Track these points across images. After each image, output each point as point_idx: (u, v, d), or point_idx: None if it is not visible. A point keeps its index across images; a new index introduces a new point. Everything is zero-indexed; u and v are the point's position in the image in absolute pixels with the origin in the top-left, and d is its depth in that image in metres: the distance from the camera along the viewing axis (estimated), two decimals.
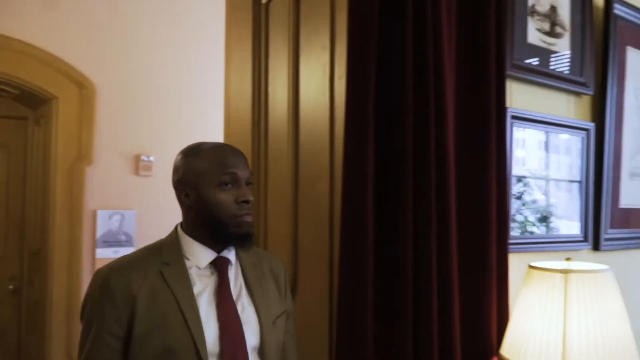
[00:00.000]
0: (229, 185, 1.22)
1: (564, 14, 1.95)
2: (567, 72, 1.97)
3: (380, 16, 1.34)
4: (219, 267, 1.25)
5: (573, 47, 1.99)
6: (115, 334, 1.16)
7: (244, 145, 1.71)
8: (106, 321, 1.15)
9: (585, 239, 2.03)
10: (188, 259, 1.24)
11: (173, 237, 1.27)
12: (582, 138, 2.04)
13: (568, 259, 1.48)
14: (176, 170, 1.26)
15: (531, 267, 1.45)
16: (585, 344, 1.29)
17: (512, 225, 1.79)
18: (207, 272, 1.24)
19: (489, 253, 1.53)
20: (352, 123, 1.32)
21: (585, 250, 2.06)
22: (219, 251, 1.25)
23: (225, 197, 1.21)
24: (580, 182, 2.04)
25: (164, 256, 1.22)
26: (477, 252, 1.52)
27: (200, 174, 1.22)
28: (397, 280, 1.34)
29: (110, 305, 1.15)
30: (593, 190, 2.07)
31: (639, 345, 1.39)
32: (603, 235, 2.07)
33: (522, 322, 1.40)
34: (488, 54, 1.56)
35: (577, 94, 2.06)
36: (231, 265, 1.27)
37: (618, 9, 2.11)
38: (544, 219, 1.91)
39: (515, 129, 1.82)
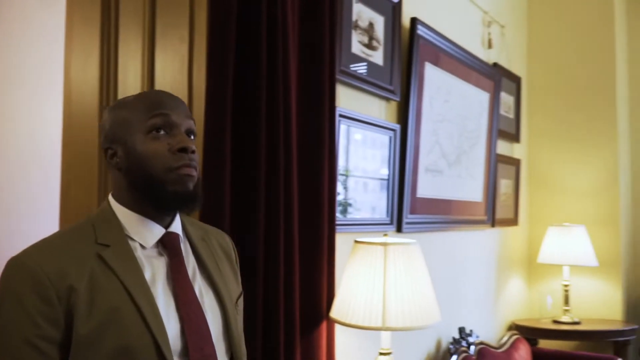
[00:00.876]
0: (162, 132, 1.00)
1: (379, 30, 2.29)
2: (380, 80, 2.31)
3: (238, 16, 1.48)
4: (169, 244, 1.03)
5: (385, 59, 2.34)
6: (49, 338, 0.90)
7: (90, 130, 1.72)
8: (35, 322, 0.89)
9: (391, 222, 2.41)
10: (131, 237, 1.00)
11: (107, 212, 1.03)
12: (390, 137, 2.41)
13: (385, 234, 1.79)
14: (102, 128, 1.05)
15: (357, 242, 1.73)
16: (400, 303, 1.60)
17: (337, 209, 2.06)
18: (154, 252, 1.02)
19: (321, 233, 1.76)
20: (211, 115, 1.44)
21: (390, 232, 2.43)
22: (166, 226, 1.04)
23: (157, 146, 0.99)
24: (388, 174, 2.40)
25: (99, 236, 0.98)
26: (312, 232, 1.74)
27: (127, 123, 1.01)
28: (250, 262, 1.49)
29: (40, 300, 0.90)
30: (398, 181, 2.45)
31: (439, 302, 1.74)
32: (404, 220, 2.46)
33: (349, 288, 1.67)
34: (323, 58, 1.80)
35: (387, 99, 2.43)
36: (181, 241, 1.06)
37: (420, 30, 2.53)
38: (347, 205, 2.24)
39: (342, 127, 2.10)
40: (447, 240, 2.97)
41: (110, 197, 1.05)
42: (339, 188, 2.06)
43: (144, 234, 1.02)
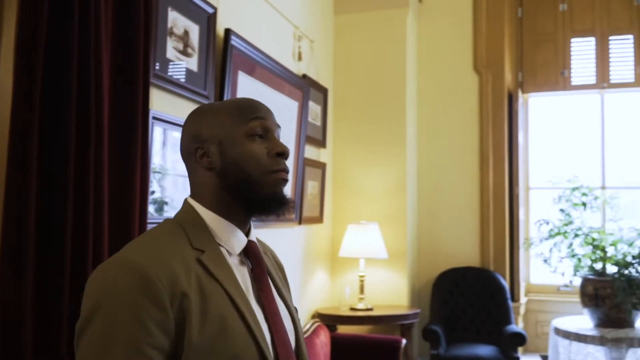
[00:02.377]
0: (259, 136, 1.00)
1: (195, 38, 2.42)
2: (195, 85, 2.44)
3: (50, 15, 1.51)
4: (252, 253, 1.02)
5: (200, 66, 2.47)
6: (160, 347, 0.83)
7: None
8: (148, 329, 0.82)
9: None
10: (219, 244, 0.97)
11: (192, 215, 0.98)
12: None
13: None
14: (187, 129, 1.02)
15: None
16: None
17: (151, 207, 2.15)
18: (237, 260, 1.00)
19: (132, 231, 1.84)
20: (18, 115, 1.44)
21: None
22: (246, 233, 1.04)
23: (256, 148, 0.99)
24: None
25: (193, 241, 0.94)
26: (123, 231, 1.81)
27: (223, 125, 0.99)
28: (53, 258, 1.52)
29: (153, 306, 0.82)
30: None
31: None
32: None
33: None
34: (137, 62, 1.88)
35: (201, 104, 2.56)
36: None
37: (234, 40, 2.71)
38: (163, 203, 2.34)
39: (157, 129, 2.19)
40: (258, 238, 3.18)
41: (191, 200, 1.01)
42: (155, 187, 2.14)
43: (232, 240, 0.99)
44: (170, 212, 2.26)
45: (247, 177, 0.98)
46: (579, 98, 4.99)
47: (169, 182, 2.28)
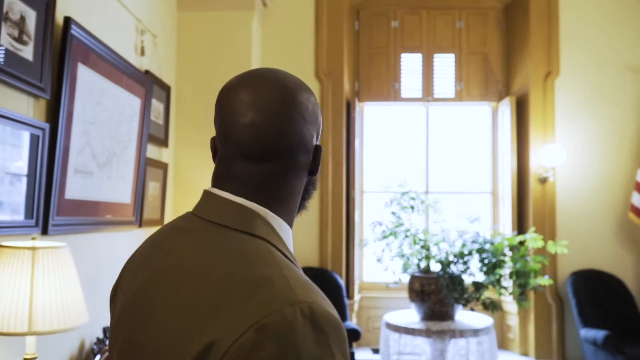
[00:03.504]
0: None
1: (31, 25, 2.19)
2: (29, 76, 2.20)
3: None
4: None
5: (36, 55, 2.24)
6: None
7: None
8: None
9: (36, 225, 2.31)
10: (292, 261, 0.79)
11: (270, 228, 0.78)
12: (39, 136, 2.31)
13: (34, 238, 1.74)
14: (305, 112, 0.81)
15: (1, 246, 1.64)
16: (48, 306, 1.59)
17: None
18: None
19: None
20: None
21: (36, 234, 2.33)
22: None
23: None
24: (31, 173, 2.30)
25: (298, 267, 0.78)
26: None
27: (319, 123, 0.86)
28: None
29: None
30: (45, 182, 2.36)
31: (87, 303, 1.78)
32: (51, 222, 2.39)
33: None
34: None
35: (36, 96, 2.32)
36: None
37: (74, 30, 2.49)
38: None
39: None
40: (95, 242, 2.97)
41: (262, 208, 0.79)
42: None
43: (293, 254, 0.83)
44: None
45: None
46: (407, 109, 5.42)
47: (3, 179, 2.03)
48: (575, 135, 4.83)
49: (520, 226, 4.90)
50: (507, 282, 4.11)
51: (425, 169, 5.32)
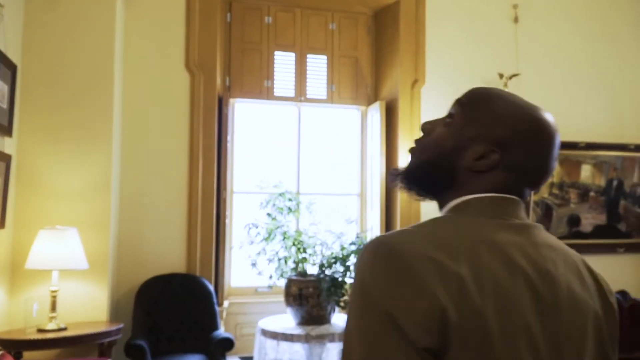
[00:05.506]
0: None
1: None
2: None
3: None
4: None
5: None
6: None
7: None
8: None
9: None
10: None
11: None
12: None
13: None
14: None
15: None
16: None
17: None
18: None
19: None
20: None
21: None
22: None
23: None
24: None
25: None
26: None
27: None
28: None
29: None
30: None
31: None
32: None
33: None
34: None
35: None
36: None
37: None
38: None
39: None
40: None
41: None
42: None
43: None
44: None
45: None
46: (280, 108, 5.28)
47: None
48: None
49: (388, 228, 5.01)
50: None
51: (297, 170, 5.22)
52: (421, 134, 1.01)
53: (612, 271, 5.35)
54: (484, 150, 0.92)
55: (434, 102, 5.05)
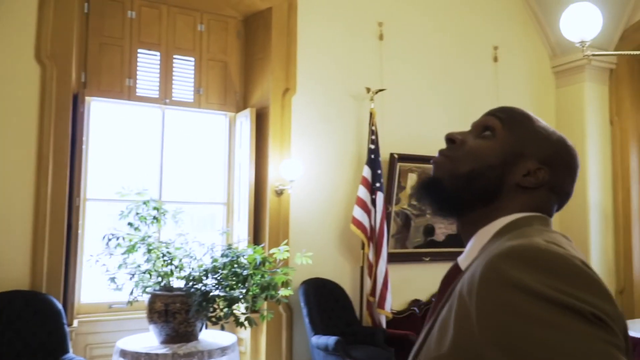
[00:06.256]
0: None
1: None
2: None
3: None
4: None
5: None
6: None
7: None
8: None
9: None
10: None
11: None
12: None
13: None
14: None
15: None
16: None
17: None
18: None
19: None
20: None
21: None
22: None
23: None
24: None
25: None
26: None
27: None
28: None
29: None
30: None
31: None
32: None
33: None
34: None
35: None
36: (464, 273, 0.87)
37: None
38: None
39: None
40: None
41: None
42: None
43: None
44: None
45: None
46: (143, 110, 4.92)
47: None
48: (309, 150, 5.06)
49: (257, 239, 4.89)
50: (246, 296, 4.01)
51: (159, 177, 4.89)
52: (448, 145, 0.96)
53: None
54: (534, 167, 0.90)
55: (305, 111, 5.05)
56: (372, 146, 4.98)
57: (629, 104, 6.34)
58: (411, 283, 5.51)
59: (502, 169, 0.90)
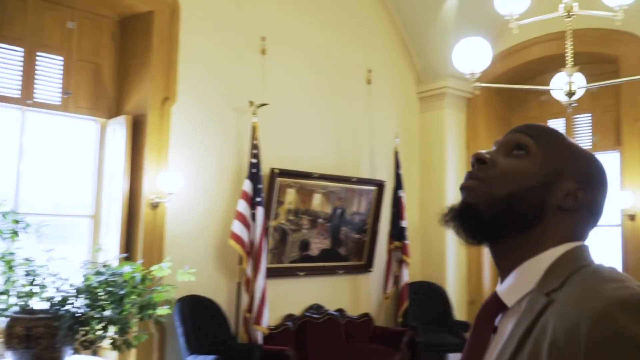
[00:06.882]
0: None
1: None
2: None
3: None
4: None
5: None
6: None
7: None
8: None
9: None
10: None
11: None
12: None
13: None
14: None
15: None
16: None
17: None
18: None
19: None
20: None
21: None
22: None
23: None
24: None
25: None
26: None
27: None
28: None
29: None
30: None
31: None
32: None
33: None
34: None
35: None
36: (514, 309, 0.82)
37: None
38: None
39: None
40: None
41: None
42: None
43: None
44: None
45: None
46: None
47: None
48: (188, 162, 4.88)
49: (130, 254, 4.58)
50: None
51: (16, 185, 4.40)
52: (477, 166, 0.87)
53: (333, 291, 5.90)
54: (574, 187, 0.84)
55: (185, 122, 4.87)
56: (254, 160, 4.93)
57: (483, 131, 6.96)
58: (286, 298, 5.52)
59: (542, 190, 0.83)
